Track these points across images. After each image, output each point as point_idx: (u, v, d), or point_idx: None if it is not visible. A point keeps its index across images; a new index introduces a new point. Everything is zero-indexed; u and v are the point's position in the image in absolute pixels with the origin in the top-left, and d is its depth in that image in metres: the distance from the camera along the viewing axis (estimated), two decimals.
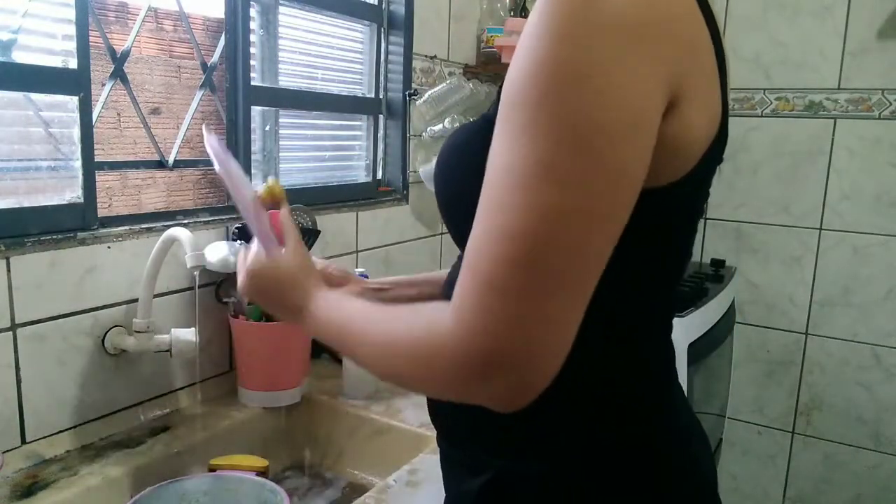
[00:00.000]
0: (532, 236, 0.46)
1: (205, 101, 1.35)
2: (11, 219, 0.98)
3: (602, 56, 0.45)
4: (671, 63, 0.48)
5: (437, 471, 0.75)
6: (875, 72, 2.04)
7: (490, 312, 0.47)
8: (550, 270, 0.46)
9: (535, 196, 0.46)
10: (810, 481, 2.29)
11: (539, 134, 0.46)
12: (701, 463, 0.68)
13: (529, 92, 0.46)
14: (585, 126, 0.45)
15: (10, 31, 0.97)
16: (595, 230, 0.47)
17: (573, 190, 0.45)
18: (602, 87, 0.45)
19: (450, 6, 1.86)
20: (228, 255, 1.13)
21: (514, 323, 0.46)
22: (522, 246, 0.46)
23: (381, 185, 1.78)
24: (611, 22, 0.45)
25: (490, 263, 0.47)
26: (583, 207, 0.46)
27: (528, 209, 0.46)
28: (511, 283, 0.46)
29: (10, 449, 0.97)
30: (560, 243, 0.46)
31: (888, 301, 2.12)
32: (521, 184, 0.46)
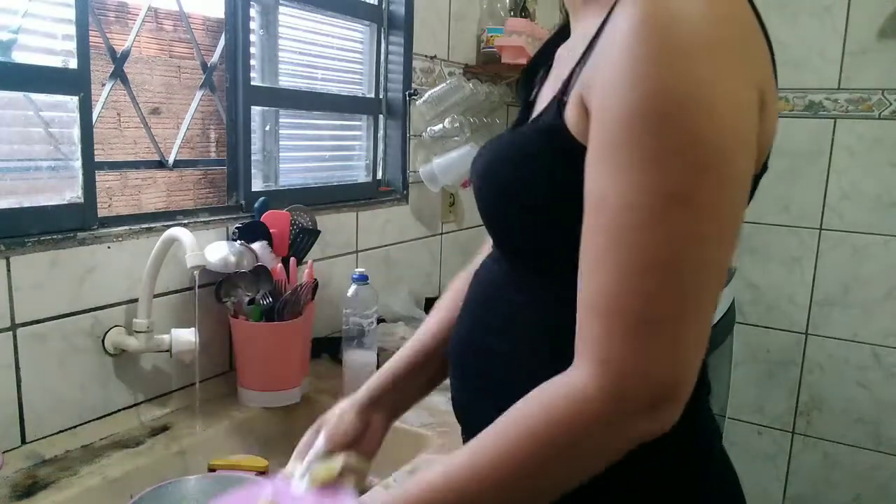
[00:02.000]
0: (670, 267, 0.46)
1: (205, 101, 1.35)
2: (11, 219, 0.98)
3: (702, 79, 0.46)
4: (758, 71, 0.50)
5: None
6: (875, 72, 2.04)
7: (643, 353, 0.47)
8: (690, 301, 0.47)
9: (667, 226, 0.46)
10: (810, 481, 2.29)
11: (659, 165, 0.46)
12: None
13: (639, 126, 0.46)
14: (704, 150, 0.46)
15: (10, 31, 0.97)
16: (725, 248, 0.48)
17: (706, 214, 0.46)
18: (711, 109, 0.46)
19: (450, 6, 1.86)
20: (228, 255, 1.13)
21: (665, 359, 0.47)
22: (664, 277, 0.46)
23: (381, 185, 1.78)
24: (699, 43, 0.46)
25: (630, 303, 0.47)
26: (715, 229, 0.47)
27: (662, 240, 0.46)
28: (659, 317, 0.47)
29: (10, 449, 0.97)
30: (696, 271, 0.47)
31: (888, 301, 2.12)
32: (649, 216, 0.46)
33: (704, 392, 0.67)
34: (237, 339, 1.23)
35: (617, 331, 0.47)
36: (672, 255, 0.46)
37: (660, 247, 0.46)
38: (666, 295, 0.46)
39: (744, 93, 0.48)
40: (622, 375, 0.47)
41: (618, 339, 0.47)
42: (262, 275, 1.20)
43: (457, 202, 2.01)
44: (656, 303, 0.46)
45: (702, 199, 0.46)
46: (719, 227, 0.47)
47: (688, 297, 0.47)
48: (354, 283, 1.30)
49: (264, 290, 1.21)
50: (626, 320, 0.47)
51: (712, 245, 0.47)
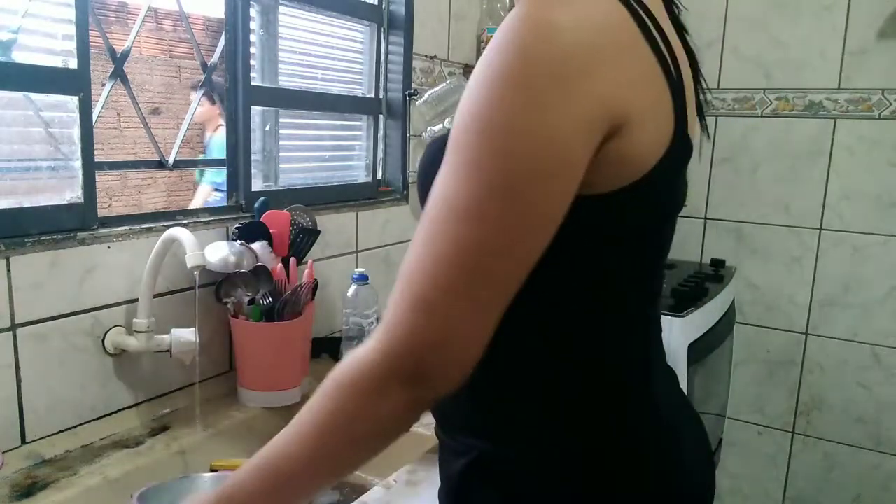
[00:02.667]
0: (460, 260, 0.52)
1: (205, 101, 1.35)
2: (11, 219, 0.98)
3: (534, 103, 0.50)
4: (608, 98, 0.52)
5: (437, 471, 0.75)
6: (875, 72, 2.04)
7: (414, 326, 0.53)
8: (473, 288, 0.52)
9: (458, 228, 0.52)
10: (810, 481, 2.29)
11: (470, 174, 0.51)
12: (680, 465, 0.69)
13: (467, 133, 0.52)
14: (511, 172, 0.51)
15: (10, 31, 0.97)
16: (511, 262, 0.53)
17: (491, 227, 0.51)
18: (531, 134, 0.50)
19: (450, 6, 1.86)
20: (228, 255, 1.13)
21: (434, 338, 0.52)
22: (448, 269, 0.52)
23: (381, 185, 1.78)
24: (543, 70, 0.50)
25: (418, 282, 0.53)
26: (497, 243, 0.52)
27: (447, 239, 0.52)
28: (431, 301, 0.52)
29: (10, 449, 0.97)
30: (478, 272, 0.52)
31: (888, 301, 2.11)
32: (446, 216, 0.53)
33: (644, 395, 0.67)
34: (237, 339, 1.23)
35: (403, 305, 0.53)
36: (453, 253, 0.52)
37: (442, 243, 0.52)
38: (447, 281, 0.52)
39: (576, 124, 0.51)
40: (395, 336, 0.53)
41: (401, 311, 0.53)
42: (262, 275, 1.20)
43: None
44: (437, 287, 0.52)
45: (491, 214, 0.51)
46: (502, 243, 0.52)
47: (466, 287, 0.52)
48: (354, 283, 1.30)
49: (264, 290, 1.21)
50: (411, 297, 0.53)
51: (495, 255, 0.52)
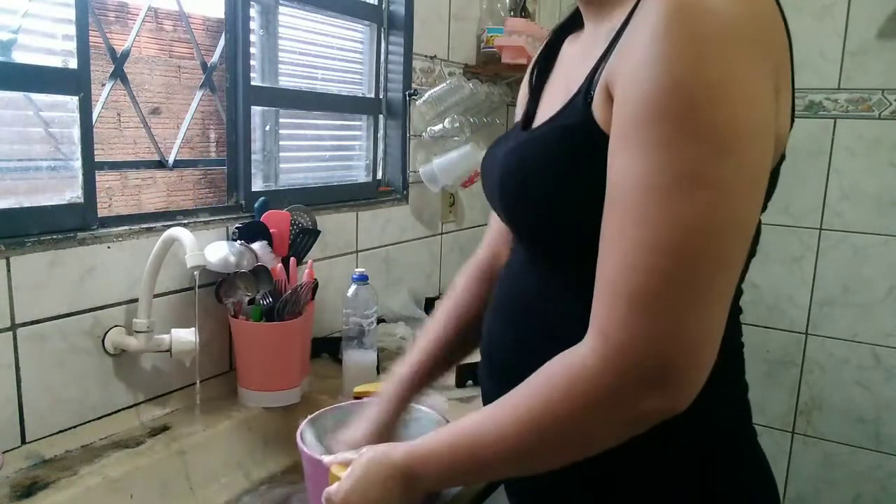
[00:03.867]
0: (683, 247, 0.46)
1: (205, 101, 1.35)
2: (11, 219, 0.98)
3: (727, 67, 0.47)
4: (774, 59, 0.51)
5: None
6: (875, 72, 2.04)
7: (641, 328, 0.47)
8: (702, 281, 0.47)
9: (684, 206, 0.46)
10: (810, 481, 2.29)
11: (681, 146, 0.46)
12: None
13: (660, 109, 0.47)
14: (726, 134, 0.46)
15: (10, 31, 0.97)
16: (740, 237, 0.48)
17: (720, 193, 0.46)
18: (734, 96, 0.47)
19: (450, 6, 1.86)
20: (228, 255, 1.13)
21: (668, 336, 0.47)
22: (673, 258, 0.46)
23: (381, 185, 1.78)
24: (725, 34, 0.47)
25: (637, 279, 0.47)
26: (730, 214, 0.47)
27: (678, 220, 0.46)
28: (663, 296, 0.47)
29: (10, 449, 0.97)
30: (710, 253, 0.47)
31: (888, 301, 2.11)
32: (666, 196, 0.47)
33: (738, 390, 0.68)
34: (237, 339, 1.23)
35: (620, 305, 0.48)
36: (682, 235, 0.46)
37: (671, 226, 0.46)
38: (672, 274, 0.46)
39: (762, 85, 0.49)
40: (620, 348, 0.48)
41: (620, 313, 0.48)
42: (262, 275, 1.20)
43: (457, 202, 2.01)
44: (661, 281, 0.46)
45: (717, 183, 0.46)
46: (735, 214, 0.47)
47: (695, 278, 0.46)
48: (354, 283, 1.30)
49: (264, 290, 1.21)
50: (630, 295, 0.47)
51: (725, 234, 0.47)
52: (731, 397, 0.66)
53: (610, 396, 0.49)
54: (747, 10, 0.48)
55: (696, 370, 0.48)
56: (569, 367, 0.51)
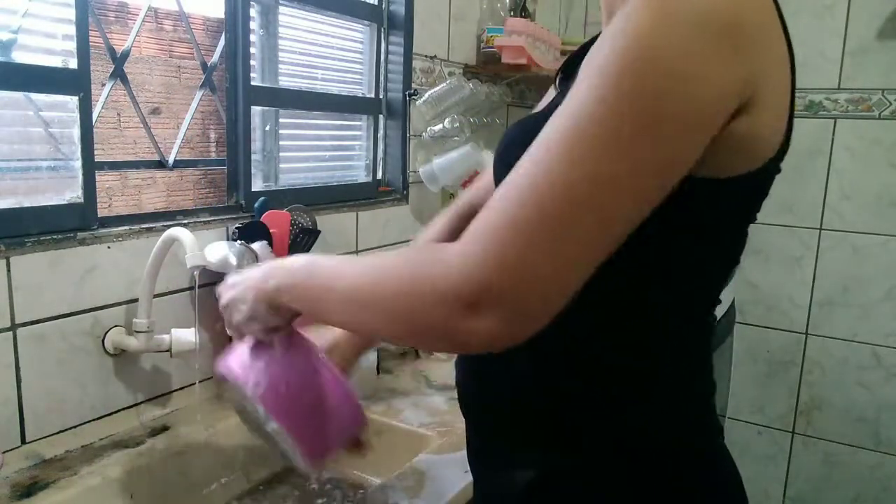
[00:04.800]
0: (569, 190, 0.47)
1: (205, 101, 1.35)
2: (11, 219, 0.98)
3: (687, 50, 0.47)
4: (749, 67, 0.50)
5: (436, 471, 0.75)
6: (875, 72, 2.04)
7: (504, 244, 0.48)
8: (572, 226, 0.48)
9: (586, 154, 0.47)
10: (810, 481, 2.29)
11: (613, 104, 0.47)
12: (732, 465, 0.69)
13: (615, 64, 0.48)
14: (656, 111, 0.47)
15: (10, 31, 0.97)
16: (628, 207, 0.49)
17: (625, 164, 0.47)
18: (682, 78, 0.47)
19: (450, 6, 1.86)
20: (228, 255, 1.13)
21: (518, 260, 0.47)
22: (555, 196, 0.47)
23: (381, 185, 1.78)
24: (699, 20, 0.48)
25: (517, 204, 0.48)
26: (626, 182, 0.48)
27: (575, 165, 0.47)
28: (530, 224, 0.47)
29: (10, 449, 0.97)
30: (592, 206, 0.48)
31: (888, 301, 2.12)
32: (578, 139, 0.48)
33: (705, 389, 0.67)
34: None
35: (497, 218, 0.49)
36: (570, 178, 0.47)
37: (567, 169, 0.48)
38: (539, 210, 0.47)
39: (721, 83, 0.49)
40: (480, 254, 0.48)
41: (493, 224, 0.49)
42: None
43: None
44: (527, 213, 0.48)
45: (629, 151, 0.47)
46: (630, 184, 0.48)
47: (561, 224, 0.47)
48: None
49: None
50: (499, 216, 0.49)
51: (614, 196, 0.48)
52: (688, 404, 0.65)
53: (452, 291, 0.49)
54: (728, 8, 0.49)
55: (535, 301, 0.48)
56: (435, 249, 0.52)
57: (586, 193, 0.47)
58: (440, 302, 0.49)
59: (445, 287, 0.49)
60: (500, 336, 0.49)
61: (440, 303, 0.49)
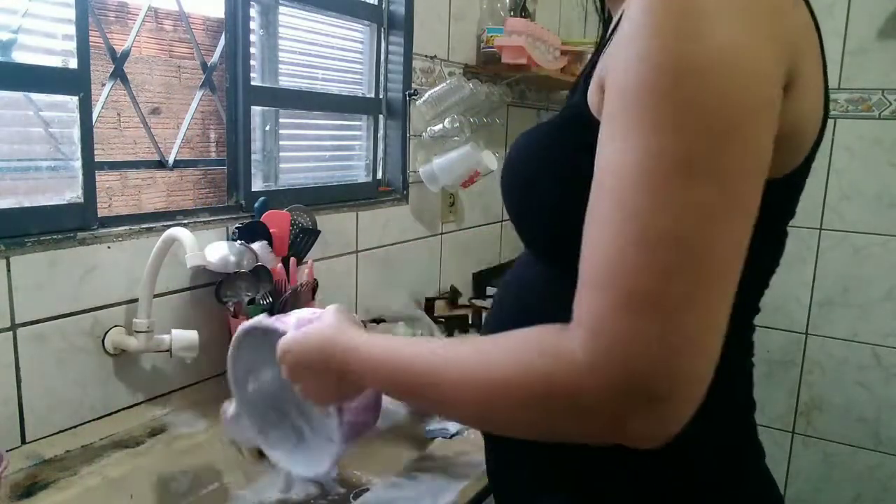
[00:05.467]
0: (681, 239, 0.41)
1: (205, 101, 1.35)
2: (11, 219, 0.98)
3: (718, 42, 0.42)
4: (786, 41, 0.46)
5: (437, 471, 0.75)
6: (875, 72, 2.04)
7: (638, 333, 0.41)
8: (704, 276, 0.42)
9: (676, 194, 0.41)
10: (810, 481, 2.29)
11: (668, 129, 0.42)
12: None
13: (651, 88, 0.43)
14: (717, 115, 0.42)
15: (10, 31, 0.97)
16: (739, 226, 0.43)
17: (716, 183, 0.42)
18: (725, 74, 0.42)
19: (450, 6, 1.86)
20: (228, 255, 1.13)
21: (670, 344, 0.41)
22: (672, 251, 0.41)
23: (381, 185, 1.78)
24: (716, 9, 0.43)
25: (632, 276, 0.42)
26: (727, 201, 0.42)
27: (671, 209, 0.41)
28: (662, 296, 0.41)
29: (11, 449, 0.97)
30: (710, 244, 0.42)
31: (888, 301, 2.12)
32: (659, 182, 0.42)
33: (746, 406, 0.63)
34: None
35: (611, 303, 0.43)
36: (674, 227, 0.41)
37: (661, 215, 0.42)
38: (664, 275, 0.41)
39: (766, 62, 0.44)
40: (606, 357, 0.42)
41: (613, 311, 0.42)
42: (262, 275, 1.20)
43: (457, 202, 2.01)
44: (651, 283, 0.41)
45: (713, 167, 0.42)
46: (732, 201, 0.42)
47: (693, 280, 0.41)
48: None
49: (264, 290, 1.21)
50: (614, 298, 0.42)
51: (724, 222, 0.42)
52: (734, 416, 0.61)
53: (591, 402, 0.43)
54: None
55: (693, 385, 0.42)
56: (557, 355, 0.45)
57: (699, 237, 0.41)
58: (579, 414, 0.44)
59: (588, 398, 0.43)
60: (666, 429, 0.43)
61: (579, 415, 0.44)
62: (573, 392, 0.44)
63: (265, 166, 1.49)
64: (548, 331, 0.47)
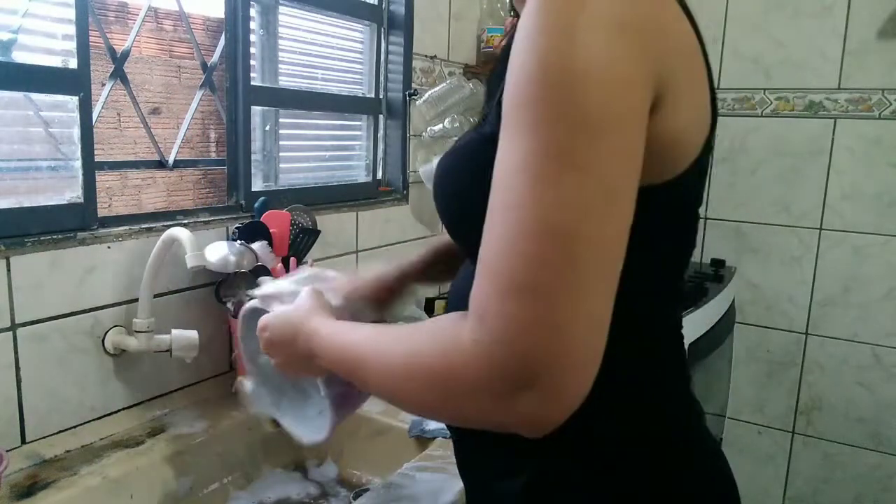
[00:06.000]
0: (558, 229, 0.44)
1: (205, 101, 1.35)
2: (11, 219, 0.98)
3: (594, 50, 0.46)
4: (655, 60, 0.49)
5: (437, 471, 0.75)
6: (875, 72, 2.04)
7: (517, 318, 0.44)
8: (581, 264, 0.44)
9: (555, 187, 0.44)
10: (810, 481, 2.29)
11: (550, 126, 0.45)
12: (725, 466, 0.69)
13: (532, 90, 0.46)
14: (593, 112, 0.45)
15: (10, 31, 0.97)
16: (616, 216, 0.46)
17: (592, 174, 0.45)
18: (593, 82, 0.46)
19: (450, 6, 1.86)
20: (228, 255, 1.13)
21: (546, 327, 0.44)
22: (548, 241, 0.44)
23: (381, 185, 1.78)
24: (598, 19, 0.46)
25: (513, 265, 0.45)
26: (603, 193, 0.45)
27: (550, 201, 0.44)
28: (539, 282, 0.44)
29: (10, 449, 0.97)
30: (586, 234, 0.45)
31: (888, 301, 2.12)
32: (537, 177, 0.45)
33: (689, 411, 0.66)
34: (237, 339, 1.23)
35: (487, 294, 0.46)
36: (552, 217, 0.44)
37: (541, 208, 0.45)
38: (542, 263, 0.44)
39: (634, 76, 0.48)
40: (488, 341, 0.45)
41: (489, 303, 0.45)
42: (262, 275, 1.19)
43: None
44: (530, 271, 0.44)
45: (589, 159, 0.45)
46: (608, 192, 0.45)
47: (570, 268, 0.44)
48: None
49: None
50: (497, 284, 0.45)
51: (600, 213, 0.45)
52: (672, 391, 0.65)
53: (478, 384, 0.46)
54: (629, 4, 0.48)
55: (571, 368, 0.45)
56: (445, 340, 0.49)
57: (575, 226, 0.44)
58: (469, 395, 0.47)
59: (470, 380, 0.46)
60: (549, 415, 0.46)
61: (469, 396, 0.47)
62: (464, 374, 0.47)
63: (265, 166, 1.49)
64: (452, 318, 0.51)
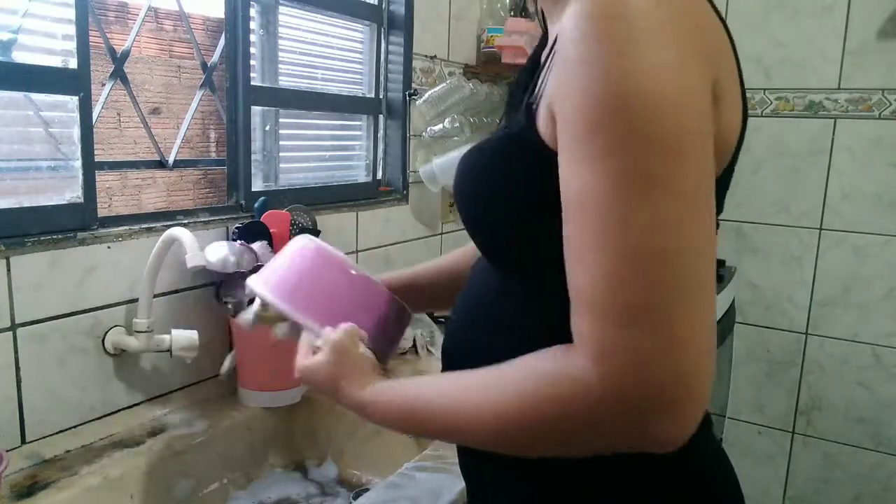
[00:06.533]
0: (659, 251, 0.44)
1: (205, 101, 1.35)
2: (11, 219, 0.98)
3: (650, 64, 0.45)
4: (708, 59, 0.49)
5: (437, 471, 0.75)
6: (875, 72, 2.04)
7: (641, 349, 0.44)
8: (688, 280, 0.45)
9: (647, 209, 0.44)
10: (810, 481, 2.29)
11: (630, 150, 0.45)
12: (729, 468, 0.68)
13: (602, 115, 0.46)
14: (670, 129, 0.45)
15: (10, 31, 0.97)
16: (707, 223, 0.47)
17: (679, 189, 0.45)
18: (671, 93, 0.46)
19: (450, 6, 1.86)
20: (228, 255, 1.13)
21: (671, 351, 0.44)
22: (653, 264, 0.44)
23: (381, 185, 1.78)
24: (644, 32, 0.46)
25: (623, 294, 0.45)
26: (688, 208, 0.45)
27: (646, 224, 0.44)
28: (654, 307, 0.44)
29: (10, 449, 0.97)
30: (683, 249, 0.45)
31: (888, 301, 2.12)
32: (627, 202, 0.45)
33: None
34: (237, 339, 1.23)
35: (611, 323, 0.45)
36: (647, 239, 0.44)
37: (633, 233, 0.45)
38: (651, 281, 0.44)
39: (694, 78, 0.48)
40: (615, 372, 0.45)
41: (612, 331, 0.45)
42: None
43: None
44: (646, 293, 0.44)
45: (678, 179, 0.45)
46: (697, 207, 0.46)
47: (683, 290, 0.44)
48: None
49: None
50: (619, 312, 0.45)
51: (696, 228, 0.45)
52: None
53: (609, 421, 0.46)
54: (670, 9, 0.47)
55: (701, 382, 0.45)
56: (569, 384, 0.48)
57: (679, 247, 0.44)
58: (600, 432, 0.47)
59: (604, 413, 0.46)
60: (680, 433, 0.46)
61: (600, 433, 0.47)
62: (591, 416, 0.47)
63: (265, 166, 1.49)
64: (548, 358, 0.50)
